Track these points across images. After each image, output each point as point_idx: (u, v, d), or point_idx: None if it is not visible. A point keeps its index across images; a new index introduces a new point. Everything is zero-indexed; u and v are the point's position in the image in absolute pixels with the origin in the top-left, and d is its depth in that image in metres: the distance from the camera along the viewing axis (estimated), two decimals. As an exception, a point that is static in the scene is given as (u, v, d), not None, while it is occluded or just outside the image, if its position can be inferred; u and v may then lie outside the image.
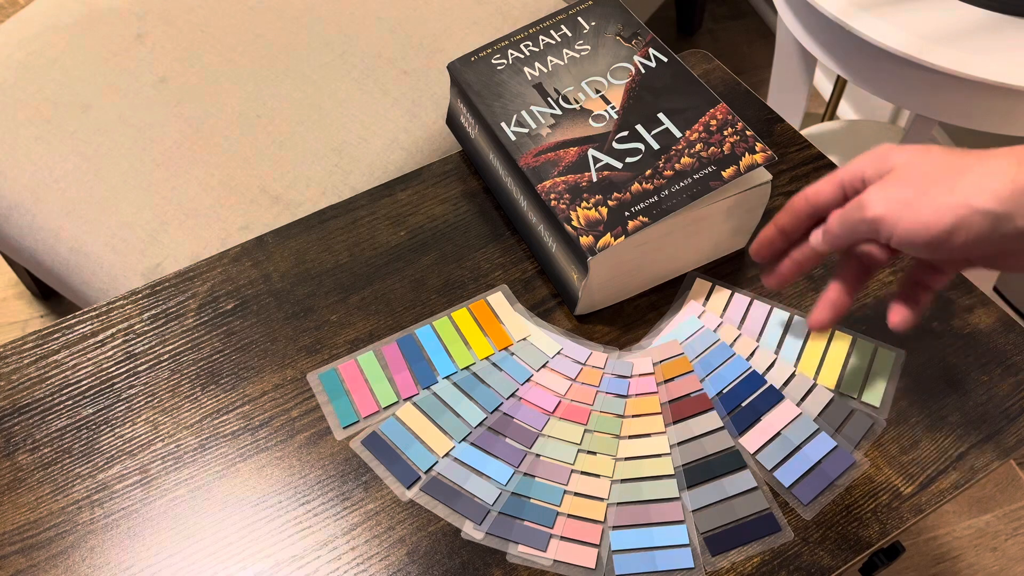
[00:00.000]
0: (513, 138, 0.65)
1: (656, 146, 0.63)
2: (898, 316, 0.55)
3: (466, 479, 0.58)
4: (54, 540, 0.55)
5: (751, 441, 0.59)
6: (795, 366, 0.63)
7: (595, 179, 0.62)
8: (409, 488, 0.57)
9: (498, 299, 0.66)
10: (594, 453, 0.59)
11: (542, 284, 0.67)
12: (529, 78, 0.69)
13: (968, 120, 0.92)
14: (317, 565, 0.55)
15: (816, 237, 0.55)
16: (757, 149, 0.63)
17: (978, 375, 0.63)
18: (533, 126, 0.66)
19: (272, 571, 0.54)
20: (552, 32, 0.72)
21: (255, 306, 0.65)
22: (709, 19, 1.78)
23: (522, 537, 0.56)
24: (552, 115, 0.66)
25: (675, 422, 0.60)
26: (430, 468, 0.58)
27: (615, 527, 0.56)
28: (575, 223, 0.61)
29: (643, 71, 0.68)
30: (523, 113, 0.67)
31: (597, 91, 0.67)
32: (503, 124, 0.66)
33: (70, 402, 0.60)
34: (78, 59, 1.00)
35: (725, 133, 0.63)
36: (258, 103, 0.97)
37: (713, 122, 0.64)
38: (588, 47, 0.70)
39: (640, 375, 0.62)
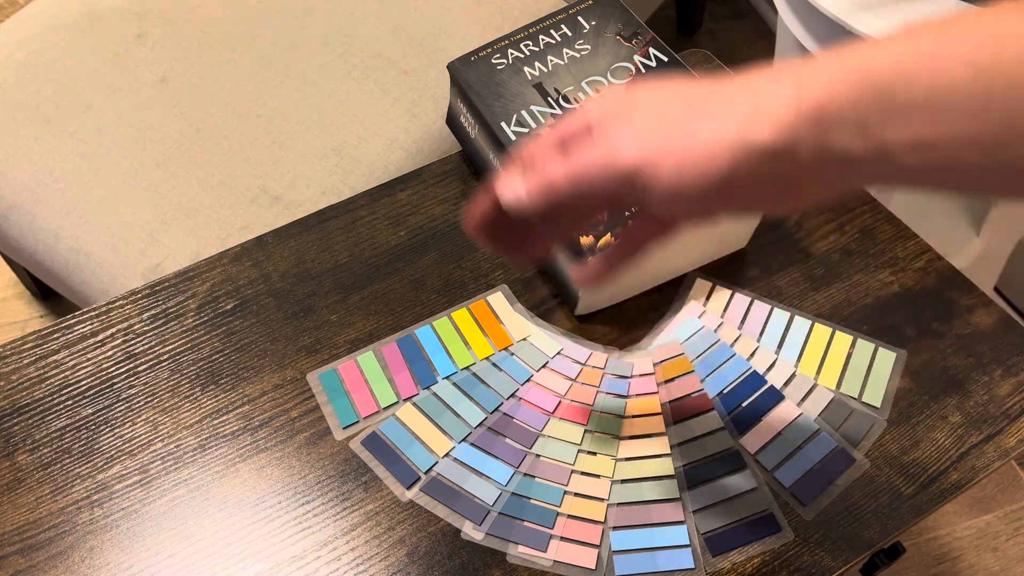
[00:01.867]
0: (513, 138, 0.65)
1: None
2: (586, 275, 0.47)
3: (466, 479, 0.58)
4: (54, 540, 0.55)
5: (751, 441, 0.59)
6: (796, 366, 0.63)
7: None
8: (409, 488, 0.57)
9: (498, 299, 0.66)
10: (594, 453, 0.59)
11: (542, 284, 0.67)
12: (529, 78, 0.69)
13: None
14: (317, 565, 0.54)
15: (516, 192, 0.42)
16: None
17: (979, 375, 0.63)
18: (533, 126, 0.66)
19: (272, 571, 0.54)
20: (552, 32, 0.71)
21: (255, 306, 0.65)
22: (709, 19, 1.78)
23: (522, 538, 0.55)
24: (552, 115, 0.66)
25: (675, 422, 0.60)
26: (430, 468, 0.58)
27: (615, 527, 0.56)
28: None
29: (643, 71, 0.68)
30: (523, 113, 0.67)
31: (597, 91, 0.67)
32: (503, 124, 0.66)
33: (70, 402, 0.60)
34: (78, 59, 1.00)
35: None
36: (258, 103, 0.97)
37: None
38: (588, 47, 0.70)
39: (640, 375, 0.62)
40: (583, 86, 0.68)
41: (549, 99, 0.68)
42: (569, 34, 0.71)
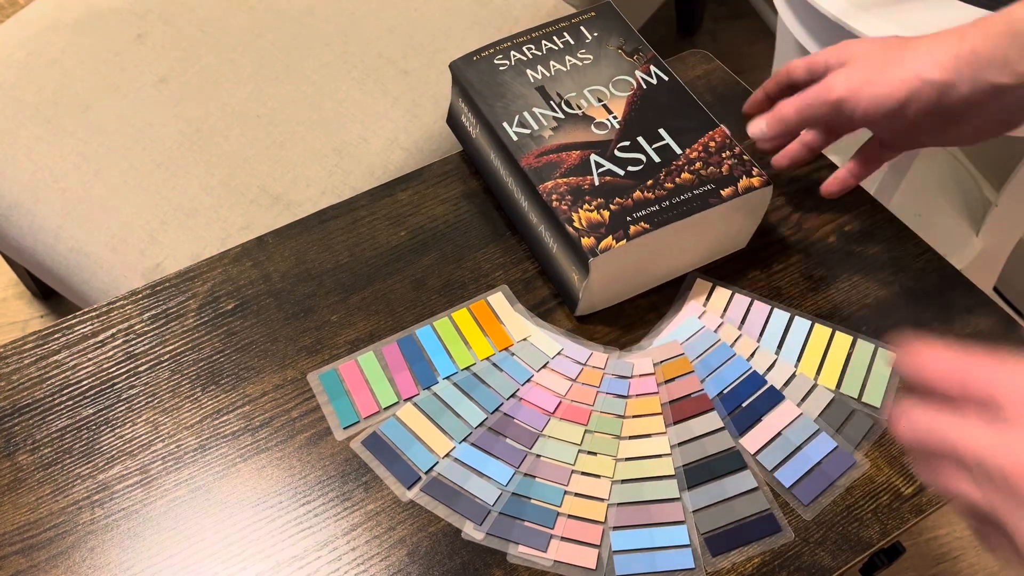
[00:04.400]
0: (515, 138, 0.65)
1: (657, 159, 0.64)
2: (836, 185, 0.65)
3: (466, 479, 0.58)
4: (54, 540, 0.55)
5: (752, 441, 0.59)
6: (796, 366, 0.63)
7: (597, 183, 0.63)
8: (409, 488, 0.57)
9: (498, 299, 0.66)
10: (594, 454, 0.59)
11: (542, 284, 0.67)
12: (531, 80, 0.69)
13: (968, 120, 0.92)
14: (317, 566, 0.55)
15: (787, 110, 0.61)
16: (754, 173, 0.63)
17: (978, 375, 0.63)
18: (535, 127, 0.66)
19: (272, 571, 0.54)
20: (555, 38, 0.72)
21: (255, 306, 0.65)
22: (709, 19, 1.78)
23: (522, 537, 0.56)
24: (554, 118, 0.66)
25: (676, 423, 0.60)
26: (430, 468, 0.58)
27: (615, 527, 0.56)
28: (576, 224, 0.61)
29: (644, 87, 0.68)
30: (525, 114, 0.66)
31: (599, 100, 0.68)
32: (505, 124, 0.66)
33: (70, 402, 0.60)
34: (78, 59, 1.00)
35: (723, 155, 0.64)
36: (258, 103, 0.97)
37: (712, 143, 0.65)
38: (590, 56, 0.70)
39: (640, 375, 0.62)
40: (585, 93, 0.68)
41: (551, 103, 0.67)
42: (572, 42, 0.71)
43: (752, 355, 0.63)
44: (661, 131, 0.66)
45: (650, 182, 0.63)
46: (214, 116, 0.96)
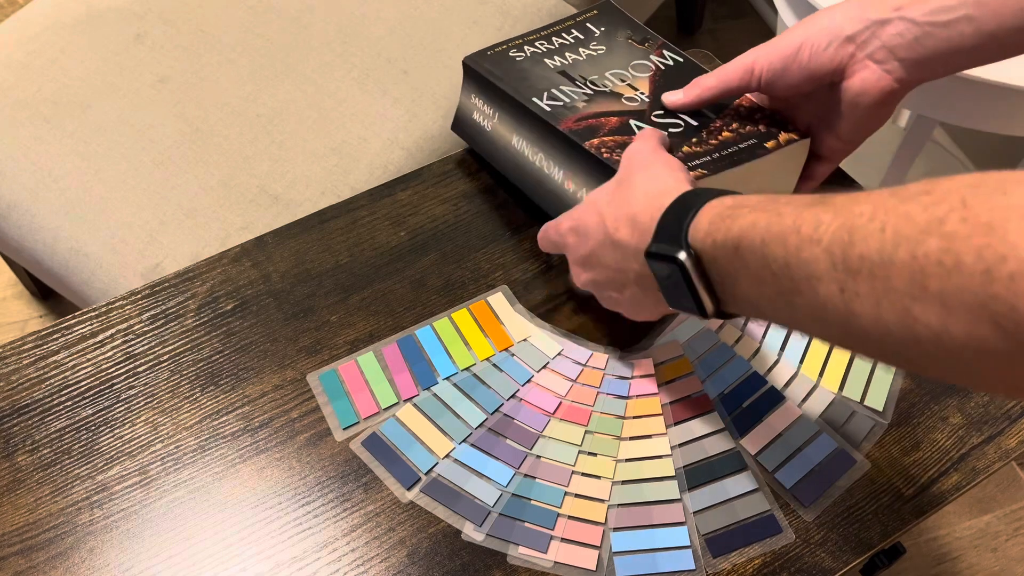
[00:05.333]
0: (548, 109, 0.64)
1: (694, 123, 0.63)
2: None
3: (466, 480, 0.58)
4: (53, 541, 0.55)
5: (752, 442, 0.59)
6: (798, 368, 0.63)
7: None
8: (409, 489, 0.57)
9: (498, 299, 0.66)
10: (595, 454, 0.59)
11: (543, 285, 0.67)
12: (552, 67, 0.68)
13: (969, 120, 0.92)
14: (317, 567, 0.54)
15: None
16: (789, 128, 0.63)
17: (979, 376, 0.63)
18: (567, 100, 0.65)
19: (272, 572, 0.54)
20: (564, 35, 0.72)
21: (255, 306, 0.65)
22: (709, 19, 1.78)
23: (523, 539, 0.55)
24: (584, 94, 0.66)
25: (676, 423, 0.60)
26: (430, 469, 0.58)
27: (616, 529, 0.56)
28: None
29: (663, 68, 0.68)
30: (554, 91, 0.66)
31: (623, 80, 0.67)
32: (535, 99, 0.65)
33: (69, 403, 0.60)
34: (78, 59, 1.00)
35: (756, 116, 0.64)
36: (258, 103, 0.97)
37: (742, 108, 0.64)
38: (603, 47, 0.70)
39: (641, 376, 0.62)
40: (607, 76, 0.67)
41: (577, 83, 0.67)
42: (581, 37, 0.71)
43: (753, 356, 0.63)
44: None
45: (694, 139, 0.62)
46: (213, 116, 0.96)
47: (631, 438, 0.60)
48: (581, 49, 0.70)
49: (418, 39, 1.02)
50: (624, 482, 0.58)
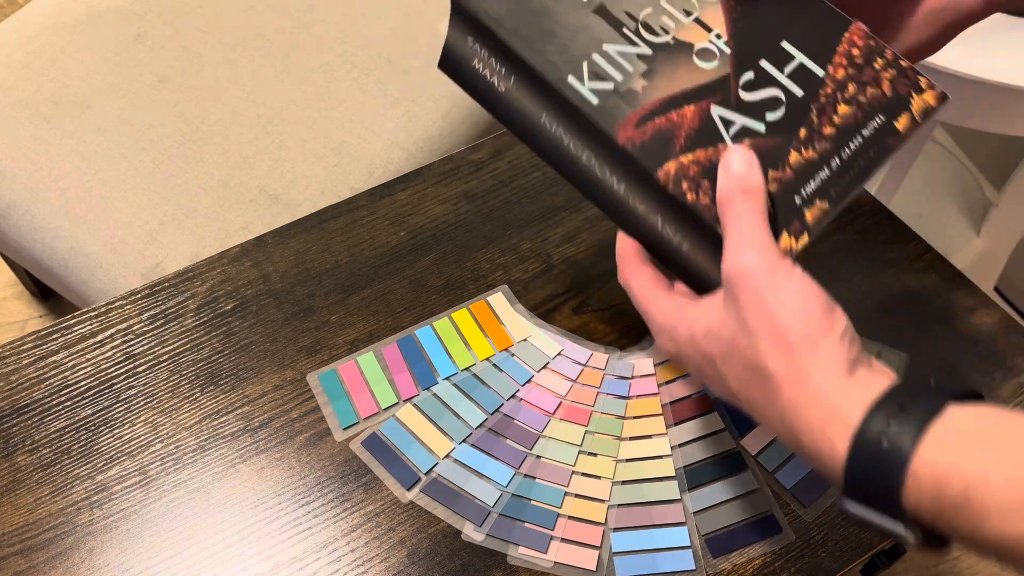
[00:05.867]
0: (595, 100, 0.45)
1: (799, 92, 0.46)
2: None
3: (466, 480, 0.57)
4: (53, 541, 0.55)
5: (752, 442, 0.59)
6: (796, 367, 0.63)
7: None
8: (409, 489, 0.57)
9: (498, 299, 0.66)
10: (595, 455, 0.59)
11: (543, 285, 0.67)
12: (583, 0, 0.47)
13: (970, 120, 0.92)
14: (317, 567, 0.54)
15: None
16: (923, 86, 0.46)
17: (980, 376, 0.63)
18: (617, 77, 0.46)
19: (272, 573, 0.54)
20: None
21: (255, 306, 0.65)
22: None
23: (523, 539, 0.55)
24: (640, 56, 0.46)
25: (676, 423, 0.60)
26: (430, 469, 0.58)
27: (616, 529, 0.56)
28: None
29: None
30: (596, 58, 0.46)
31: (687, 12, 0.47)
32: (572, 79, 0.46)
33: (69, 403, 0.60)
34: (77, 59, 1.00)
35: (876, 65, 0.46)
36: (258, 103, 0.97)
37: (855, 50, 0.46)
38: None
39: (641, 376, 0.62)
40: (663, 6, 0.47)
41: (625, 30, 0.47)
42: None
43: (753, 356, 0.63)
44: (786, 45, 0.47)
45: (803, 132, 0.45)
46: (213, 116, 0.96)
47: (631, 438, 0.59)
48: None
49: (418, 39, 1.02)
50: (624, 482, 0.58)
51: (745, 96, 0.46)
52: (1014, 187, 1.14)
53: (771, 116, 0.45)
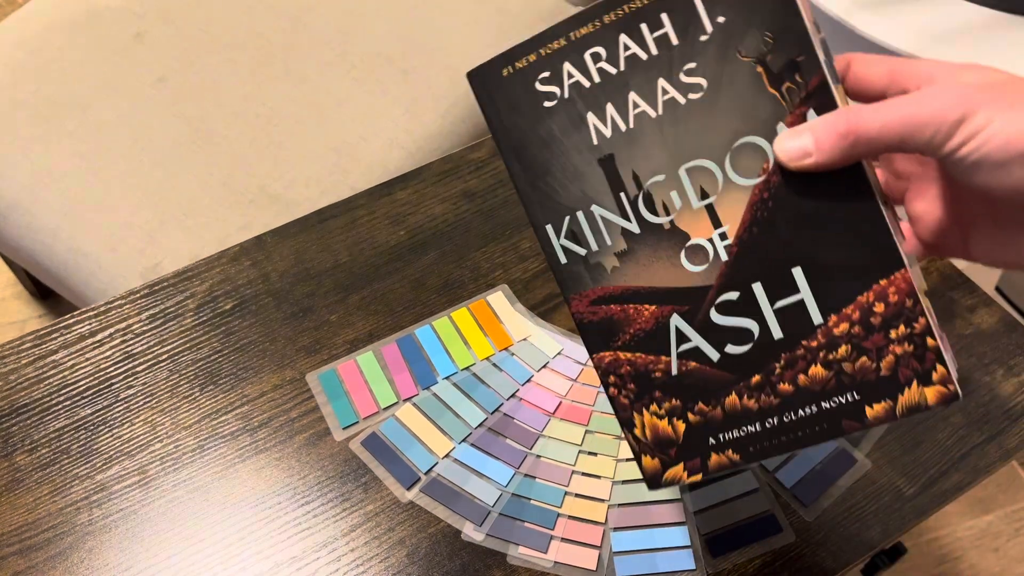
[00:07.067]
0: (563, 259, 0.44)
1: (778, 333, 0.40)
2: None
3: (466, 480, 0.57)
4: (52, 541, 0.55)
5: (753, 442, 0.59)
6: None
7: (675, 371, 0.42)
8: (409, 489, 0.57)
9: (498, 299, 0.66)
10: (595, 454, 0.59)
11: (542, 284, 0.67)
12: (595, 141, 0.42)
13: (970, 120, 0.92)
14: (316, 567, 0.54)
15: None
16: (934, 377, 0.38)
17: (980, 376, 0.63)
18: (593, 247, 0.43)
19: (271, 572, 0.54)
20: (643, 29, 0.40)
21: (254, 306, 0.65)
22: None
23: (523, 538, 0.55)
24: (624, 232, 0.43)
25: (676, 423, 0.60)
26: (430, 469, 0.58)
27: (616, 528, 0.56)
28: (638, 432, 0.44)
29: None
30: (579, 217, 0.43)
31: (704, 196, 0.41)
32: (550, 228, 0.44)
33: (68, 402, 0.60)
34: (77, 58, 1.00)
35: (891, 334, 0.38)
36: (258, 103, 0.96)
37: (880, 305, 0.38)
38: (703, 79, 0.40)
39: (641, 375, 0.62)
40: (681, 177, 0.41)
41: (623, 196, 0.42)
42: (673, 38, 0.40)
43: (753, 355, 0.63)
44: (796, 273, 0.40)
45: (756, 379, 0.41)
46: (213, 116, 0.96)
47: (631, 438, 0.59)
48: (662, 81, 0.40)
49: (418, 39, 1.02)
50: (624, 482, 0.58)
51: (715, 318, 0.41)
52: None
53: (731, 349, 0.41)
